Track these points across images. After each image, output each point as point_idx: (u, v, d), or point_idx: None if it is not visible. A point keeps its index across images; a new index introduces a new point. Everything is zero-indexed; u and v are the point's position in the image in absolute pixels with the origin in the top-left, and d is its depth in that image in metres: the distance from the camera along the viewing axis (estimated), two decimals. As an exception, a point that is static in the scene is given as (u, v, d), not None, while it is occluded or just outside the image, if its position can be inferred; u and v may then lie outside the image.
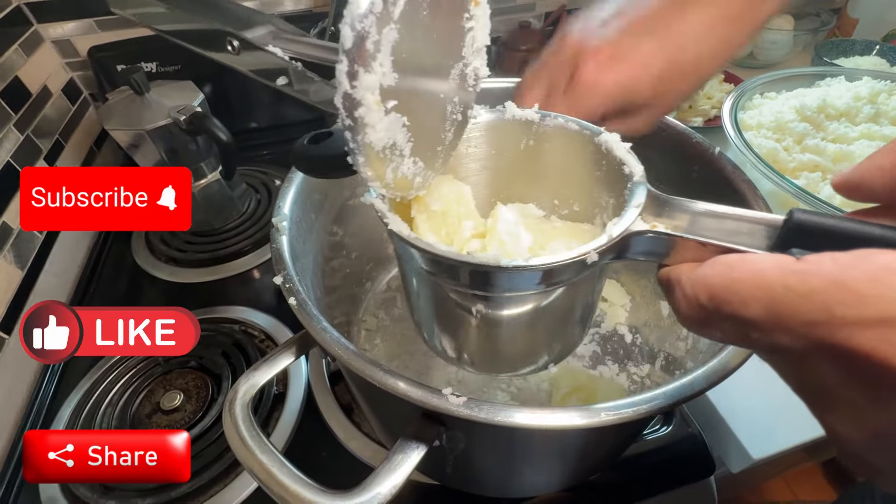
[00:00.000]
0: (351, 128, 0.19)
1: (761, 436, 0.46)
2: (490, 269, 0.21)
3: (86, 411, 0.49)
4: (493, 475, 0.36)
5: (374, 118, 0.19)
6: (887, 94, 0.63)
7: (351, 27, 0.17)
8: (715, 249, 0.19)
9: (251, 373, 0.27)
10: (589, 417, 0.22)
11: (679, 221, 0.21)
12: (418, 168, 0.23)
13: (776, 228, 0.18)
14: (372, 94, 0.18)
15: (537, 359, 0.29)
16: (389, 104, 0.19)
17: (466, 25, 0.22)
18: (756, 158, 0.57)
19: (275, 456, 0.23)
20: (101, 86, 0.74)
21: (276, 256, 0.30)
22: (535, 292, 0.23)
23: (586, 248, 0.21)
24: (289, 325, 0.55)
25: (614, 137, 0.26)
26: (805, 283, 0.14)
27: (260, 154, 0.82)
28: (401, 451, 0.23)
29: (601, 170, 0.27)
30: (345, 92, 0.18)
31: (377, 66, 0.18)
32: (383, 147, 0.20)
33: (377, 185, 0.22)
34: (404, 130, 0.21)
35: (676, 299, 0.18)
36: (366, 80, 0.18)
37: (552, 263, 0.21)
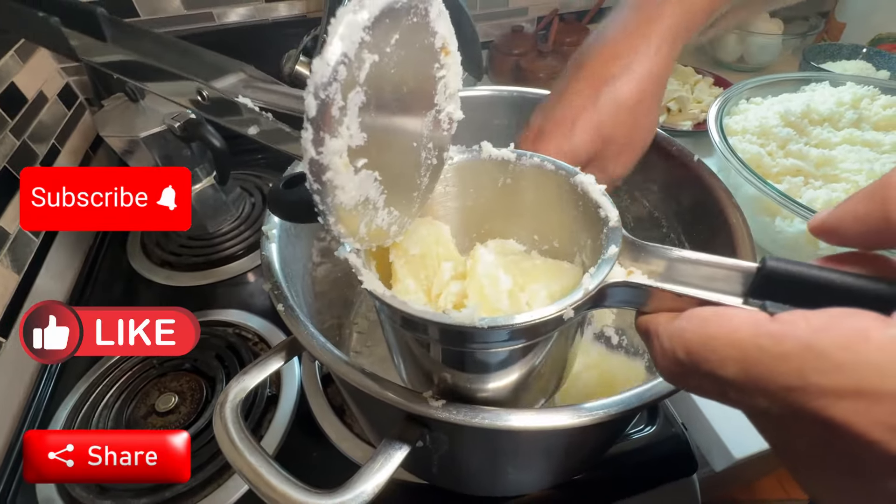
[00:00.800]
0: (319, 191, 0.19)
1: (744, 435, 0.47)
2: (466, 330, 0.21)
3: (82, 413, 0.50)
4: (478, 474, 0.37)
5: (343, 180, 0.19)
6: (870, 100, 0.65)
7: (314, 96, 0.17)
8: (690, 301, 0.19)
9: (241, 376, 0.27)
10: (567, 419, 0.23)
11: (655, 267, 0.21)
12: (393, 217, 0.23)
13: (750, 275, 0.18)
14: (339, 157, 0.18)
15: (517, 402, 0.29)
16: (359, 163, 0.19)
17: (438, 74, 0.22)
18: (739, 163, 0.58)
19: (263, 457, 0.24)
20: (96, 91, 0.75)
21: (265, 263, 0.31)
22: (513, 346, 0.24)
23: (561, 304, 0.21)
24: (282, 328, 0.56)
25: (589, 179, 0.26)
26: (779, 345, 0.14)
27: (254, 158, 0.83)
28: (384, 452, 0.24)
29: (578, 209, 0.27)
30: (311, 158, 0.18)
31: (343, 130, 0.18)
32: (355, 204, 0.20)
33: (350, 240, 0.22)
34: (377, 185, 0.21)
35: (655, 351, 0.19)
36: (332, 146, 0.18)
37: (527, 322, 0.21)
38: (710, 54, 0.99)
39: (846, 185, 0.56)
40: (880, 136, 0.61)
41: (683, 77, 0.86)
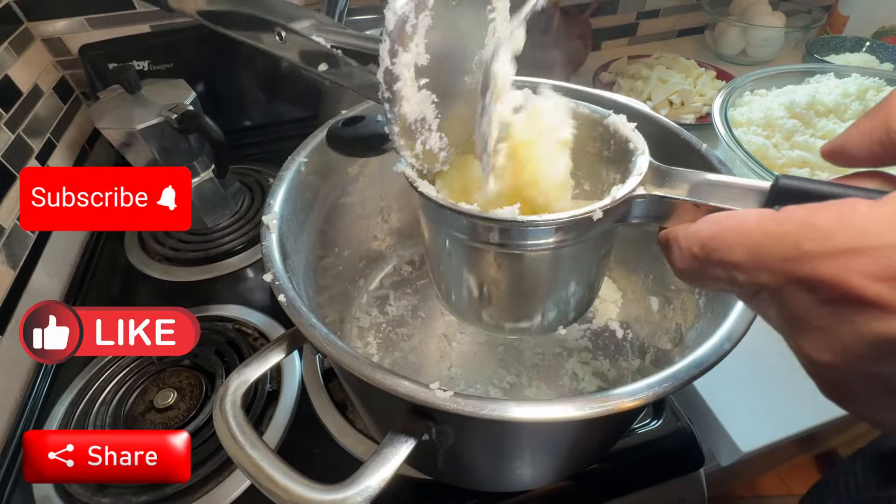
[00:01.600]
0: (389, 100, 0.21)
1: (750, 429, 0.47)
2: (507, 225, 0.24)
3: (79, 410, 0.49)
4: (484, 469, 0.37)
5: (409, 92, 0.22)
6: (875, 91, 0.64)
7: (393, 12, 0.20)
8: (708, 209, 0.21)
9: (242, 369, 0.27)
10: (574, 410, 0.22)
11: (678, 190, 0.23)
12: (443, 143, 0.26)
13: (764, 193, 0.20)
14: (408, 70, 0.21)
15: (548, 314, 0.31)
16: (421, 81, 0.22)
17: (489, 17, 0.25)
18: (745, 155, 0.57)
19: (265, 451, 0.23)
20: (92, 84, 0.74)
21: (265, 254, 0.30)
22: (549, 247, 0.26)
23: (592, 206, 0.23)
24: (282, 323, 0.55)
25: (621, 118, 0.28)
26: (780, 227, 0.16)
27: (253, 152, 0.82)
28: (389, 445, 0.24)
29: (609, 150, 0.29)
30: (386, 68, 0.21)
31: (413, 47, 0.21)
32: (414, 119, 0.23)
33: (408, 154, 0.24)
34: (433, 107, 0.24)
35: (673, 254, 0.20)
36: (404, 58, 0.21)
37: (561, 219, 0.23)
38: (713, 48, 0.98)
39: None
40: (886, 128, 0.60)
41: (686, 70, 0.85)
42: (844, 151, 0.19)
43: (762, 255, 0.17)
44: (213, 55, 0.76)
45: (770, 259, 0.16)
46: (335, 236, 0.44)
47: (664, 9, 1.00)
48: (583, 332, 0.50)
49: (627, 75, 0.87)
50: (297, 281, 0.32)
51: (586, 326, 0.51)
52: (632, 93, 0.84)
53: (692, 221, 0.20)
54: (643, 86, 0.83)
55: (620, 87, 0.86)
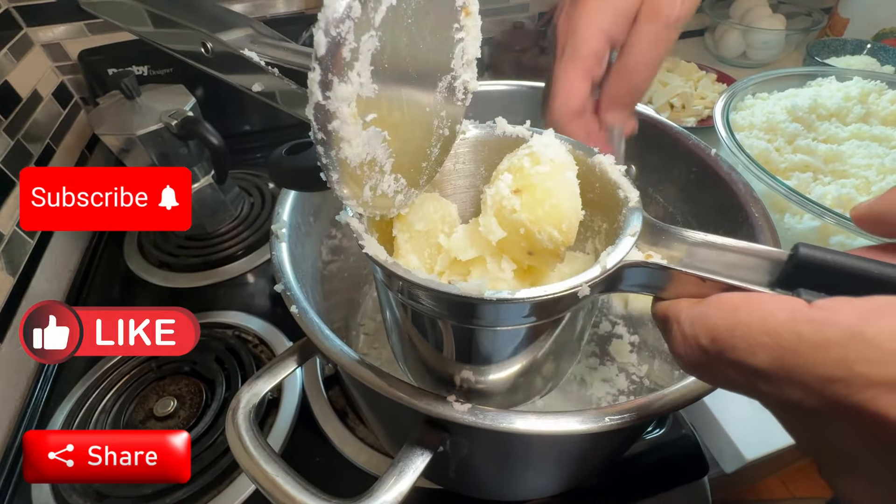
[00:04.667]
0: (323, 142, 0.17)
1: (754, 436, 0.47)
2: (473, 301, 0.20)
3: (79, 417, 0.49)
4: (494, 478, 0.36)
5: (350, 132, 0.17)
6: (877, 94, 0.64)
7: (325, 32, 0.15)
8: (715, 285, 0.18)
9: (253, 381, 0.26)
10: (593, 422, 0.22)
11: (676, 252, 0.20)
12: (400, 185, 0.22)
13: (780, 263, 0.17)
14: (348, 105, 0.17)
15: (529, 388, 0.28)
16: (368, 117, 0.18)
17: (456, 36, 0.21)
18: (748, 159, 0.57)
19: (279, 465, 0.23)
20: (92, 90, 0.73)
21: (276, 264, 0.30)
22: (524, 325, 0.22)
23: (578, 280, 0.20)
24: (283, 330, 0.55)
25: (608, 159, 0.25)
26: (820, 332, 0.13)
27: (253, 157, 0.81)
28: (406, 458, 0.23)
29: (594, 192, 0.25)
30: (317, 102, 0.17)
31: (354, 76, 0.17)
32: (360, 163, 0.19)
33: (353, 203, 0.20)
34: (385, 146, 0.20)
35: (674, 338, 0.17)
36: (340, 91, 0.16)
37: (540, 297, 0.19)
38: (713, 50, 0.98)
39: (855, 180, 0.56)
40: (889, 132, 0.60)
41: (686, 73, 0.85)
42: (885, 220, 0.16)
43: (795, 367, 0.13)
44: (214, 59, 0.76)
45: (806, 374, 0.13)
46: (341, 241, 0.43)
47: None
48: (589, 337, 0.50)
49: (628, 79, 0.86)
50: (306, 288, 0.31)
51: (593, 332, 0.50)
52: (633, 96, 0.84)
53: (695, 295, 0.18)
54: (644, 89, 0.83)
55: (621, 90, 0.86)
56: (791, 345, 0.13)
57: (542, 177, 0.22)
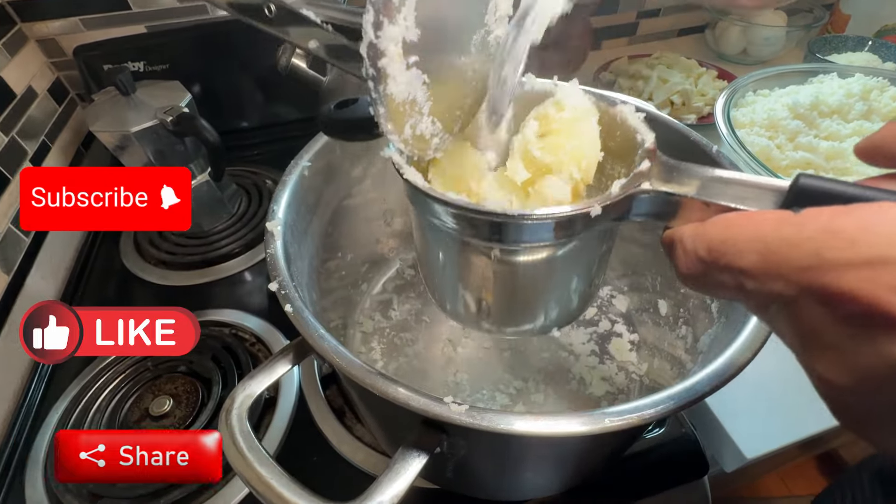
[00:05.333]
0: (374, 77, 0.20)
1: (754, 435, 0.47)
2: (499, 219, 0.22)
3: (74, 417, 0.48)
4: (493, 479, 0.36)
5: (396, 69, 0.20)
6: (879, 91, 0.64)
7: None
8: (718, 209, 0.20)
9: (247, 381, 0.26)
10: (593, 424, 0.22)
11: (687, 187, 0.21)
12: (436, 129, 0.24)
13: (782, 193, 0.18)
14: (395, 45, 0.19)
15: (545, 315, 0.29)
16: (411, 59, 0.20)
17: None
18: (749, 156, 0.57)
19: (274, 468, 0.22)
20: (87, 86, 0.72)
21: (270, 262, 0.29)
22: (544, 244, 0.24)
23: (591, 202, 0.22)
24: (280, 329, 0.55)
25: (629, 108, 0.26)
26: (799, 232, 0.15)
27: (250, 154, 0.81)
28: (402, 460, 0.23)
29: (615, 140, 0.27)
30: (370, 42, 0.19)
31: (401, 19, 0.19)
32: (403, 101, 0.21)
33: (396, 138, 0.22)
34: (424, 88, 0.21)
35: (677, 256, 0.19)
36: (389, 31, 0.19)
37: (557, 214, 0.22)
38: (713, 47, 0.98)
39: (857, 177, 0.55)
40: (891, 129, 0.60)
41: (687, 70, 0.85)
42: (881, 149, 0.18)
43: (777, 262, 0.15)
44: (209, 56, 0.75)
45: (785, 267, 0.15)
46: (339, 239, 0.43)
47: (664, 8, 0.99)
48: (589, 335, 0.50)
49: (628, 75, 0.86)
50: (302, 287, 0.31)
51: (592, 330, 0.50)
52: (632, 92, 0.83)
53: (700, 221, 0.19)
54: (644, 85, 0.82)
55: (621, 86, 0.85)
56: (774, 245, 0.15)
57: (565, 122, 0.25)
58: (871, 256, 0.13)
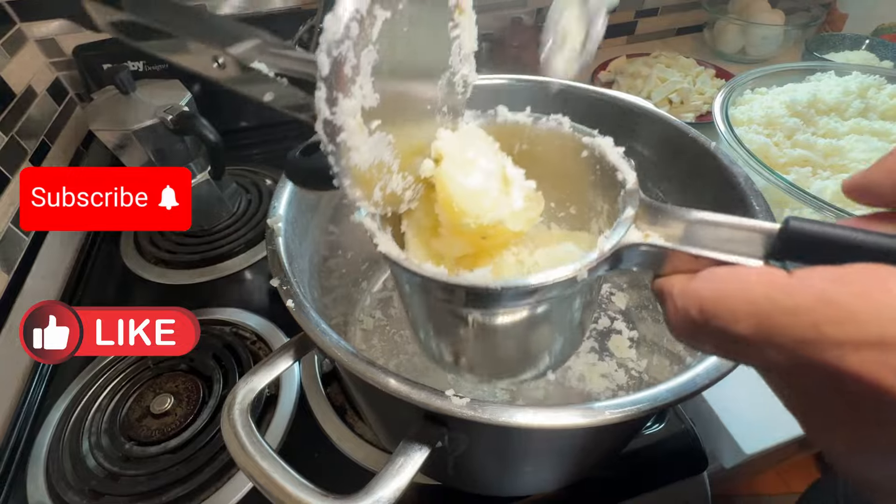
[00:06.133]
0: (334, 153, 0.19)
1: (753, 431, 0.47)
2: (480, 291, 0.21)
3: (75, 416, 0.48)
4: (493, 474, 0.36)
5: (357, 141, 0.19)
6: (876, 89, 0.64)
7: (327, 53, 0.17)
8: (708, 262, 0.19)
9: (249, 377, 0.26)
10: (593, 416, 0.22)
11: (673, 230, 0.20)
12: (408, 182, 0.23)
13: (772, 237, 0.18)
14: (353, 117, 0.18)
15: (537, 364, 0.29)
16: (373, 125, 0.19)
17: (452, 34, 0.22)
18: (747, 154, 0.57)
19: (276, 461, 0.23)
20: (87, 85, 0.72)
21: (272, 258, 0.29)
22: (529, 306, 0.23)
23: (576, 265, 0.21)
24: (281, 327, 0.55)
25: (607, 142, 0.25)
26: (792, 298, 0.14)
27: (250, 153, 0.81)
28: (403, 454, 0.23)
29: (595, 174, 0.26)
30: (325, 119, 0.18)
31: (357, 90, 0.18)
32: (370, 167, 0.20)
33: (365, 204, 0.21)
34: (390, 148, 0.21)
35: (668, 311, 0.18)
36: (345, 106, 0.18)
37: (541, 284, 0.21)
38: (711, 46, 0.98)
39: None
40: (888, 126, 0.60)
41: (685, 69, 0.85)
42: (870, 190, 0.17)
43: (772, 332, 0.14)
44: (210, 55, 0.75)
45: (781, 337, 0.14)
46: (339, 237, 0.43)
47: (663, 7, 1.00)
48: (588, 332, 0.50)
49: (626, 74, 0.86)
50: (303, 284, 0.31)
51: (591, 327, 0.50)
52: (631, 91, 0.84)
53: (690, 271, 0.19)
54: (642, 84, 0.83)
55: (620, 85, 0.86)
56: (766, 311, 0.14)
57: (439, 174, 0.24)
58: (874, 337, 0.13)
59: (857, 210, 0.51)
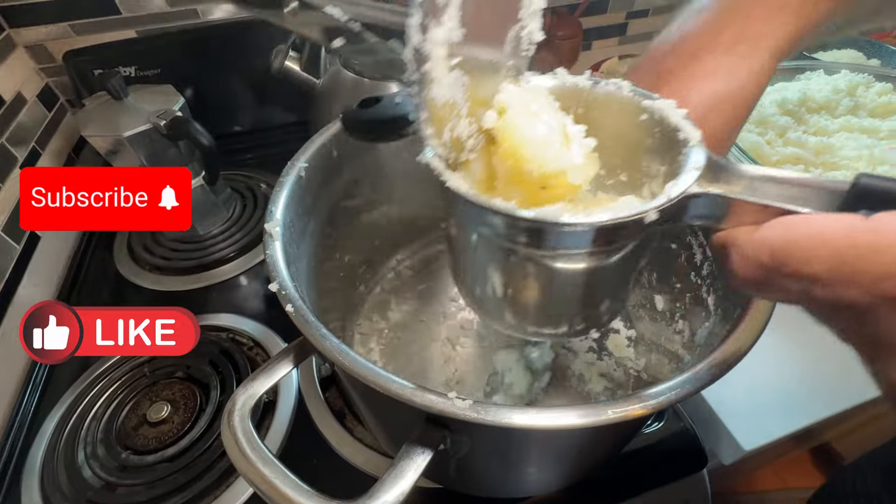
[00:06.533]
0: (418, 81, 0.19)
1: (752, 427, 0.47)
2: (547, 227, 0.21)
3: (70, 425, 0.48)
4: (496, 476, 0.36)
5: (440, 73, 0.19)
6: (865, 87, 0.65)
7: None
8: (775, 212, 0.19)
9: (249, 383, 0.26)
10: (596, 416, 0.22)
11: (736, 187, 0.20)
12: (472, 129, 0.23)
13: (840, 194, 0.17)
14: (440, 48, 0.19)
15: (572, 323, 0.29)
16: (453, 60, 0.20)
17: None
18: (740, 152, 0.58)
19: (278, 467, 0.22)
20: (77, 92, 0.72)
21: (270, 263, 0.29)
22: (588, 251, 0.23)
23: (646, 206, 0.20)
24: (278, 332, 0.54)
25: (669, 104, 0.25)
26: (876, 238, 0.14)
27: (244, 158, 0.80)
28: (406, 458, 0.23)
29: (653, 137, 0.26)
30: (415, 46, 0.18)
31: (446, 20, 0.18)
32: (444, 104, 0.21)
33: (436, 143, 0.22)
34: (464, 90, 0.21)
35: (733, 261, 0.18)
36: (436, 34, 0.18)
37: (609, 221, 0.20)
38: (702, 47, 0.99)
39: (846, 171, 0.56)
40: (877, 123, 0.61)
41: (677, 69, 0.85)
42: None
43: (851, 271, 0.15)
44: (202, 60, 0.75)
45: (862, 275, 0.14)
46: (337, 241, 0.43)
47: (653, 8, 1.01)
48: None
49: (619, 74, 0.87)
50: (301, 288, 0.31)
51: (589, 327, 0.50)
52: (624, 92, 0.84)
53: (754, 223, 0.19)
54: (635, 85, 0.83)
55: (613, 86, 0.86)
56: (847, 251, 0.15)
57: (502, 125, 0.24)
58: None
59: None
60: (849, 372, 0.47)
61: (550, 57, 0.84)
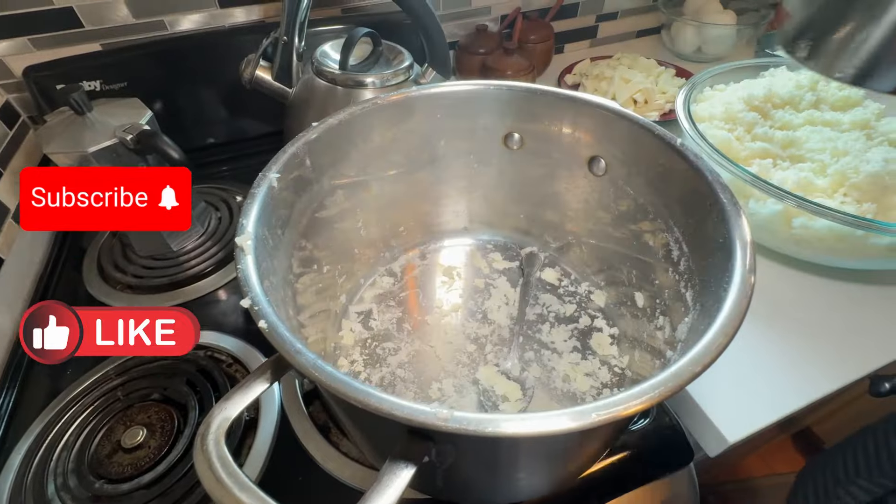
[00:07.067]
0: None
1: (735, 418, 0.47)
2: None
3: (38, 457, 0.45)
4: (484, 484, 0.36)
5: None
6: (825, 82, 0.67)
7: None
8: None
9: (223, 403, 0.25)
10: (580, 419, 0.21)
11: None
12: None
13: None
14: None
15: None
16: None
17: None
18: (711, 148, 0.59)
19: (256, 493, 0.21)
20: (39, 108, 0.69)
21: (242, 278, 0.28)
22: None
23: None
24: (259, 348, 0.53)
25: None
26: None
27: (219, 170, 0.79)
28: (390, 472, 0.22)
29: None
30: None
31: None
32: None
33: None
34: None
35: None
36: None
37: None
38: (670, 47, 1.01)
39: (812, 164, 0.58)
40: (839, 116, 0.63)
41: (647, 69, 0.87)
42: None
43: None
44: (172, 72, 0.73)
45: None
46: (313, 252, 0.42)
47: (622, 11, 1.02)
48: (570, 332, 0.50)
49: (591, 76, 0.88)
50: (276, 303, 0.30)
51: (573, 326, 0.50)
52: (597, 93, 0.85)
53: None
54: (607, 86, 0.84)
55: (585, 87, 0.87)
56: None
57: None
58: None
59: (816, 198, 0.53)
60: (825, 358, 0.49)
61: (524, 61, 0.84)
